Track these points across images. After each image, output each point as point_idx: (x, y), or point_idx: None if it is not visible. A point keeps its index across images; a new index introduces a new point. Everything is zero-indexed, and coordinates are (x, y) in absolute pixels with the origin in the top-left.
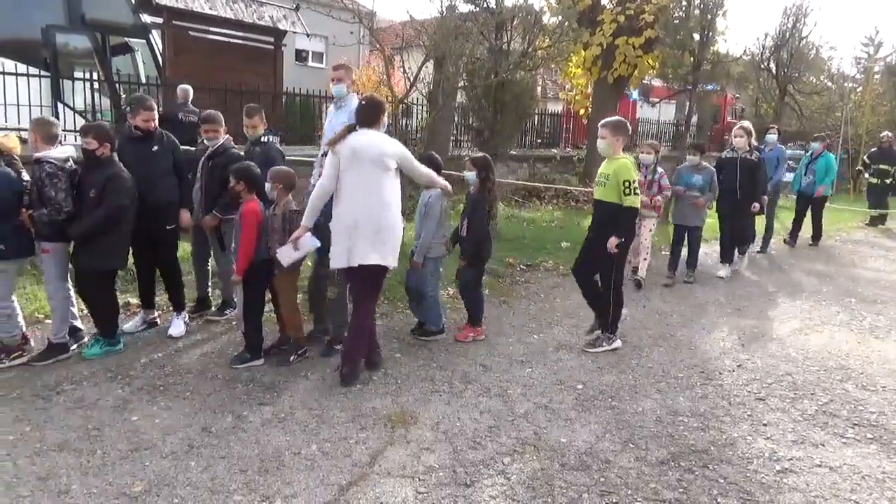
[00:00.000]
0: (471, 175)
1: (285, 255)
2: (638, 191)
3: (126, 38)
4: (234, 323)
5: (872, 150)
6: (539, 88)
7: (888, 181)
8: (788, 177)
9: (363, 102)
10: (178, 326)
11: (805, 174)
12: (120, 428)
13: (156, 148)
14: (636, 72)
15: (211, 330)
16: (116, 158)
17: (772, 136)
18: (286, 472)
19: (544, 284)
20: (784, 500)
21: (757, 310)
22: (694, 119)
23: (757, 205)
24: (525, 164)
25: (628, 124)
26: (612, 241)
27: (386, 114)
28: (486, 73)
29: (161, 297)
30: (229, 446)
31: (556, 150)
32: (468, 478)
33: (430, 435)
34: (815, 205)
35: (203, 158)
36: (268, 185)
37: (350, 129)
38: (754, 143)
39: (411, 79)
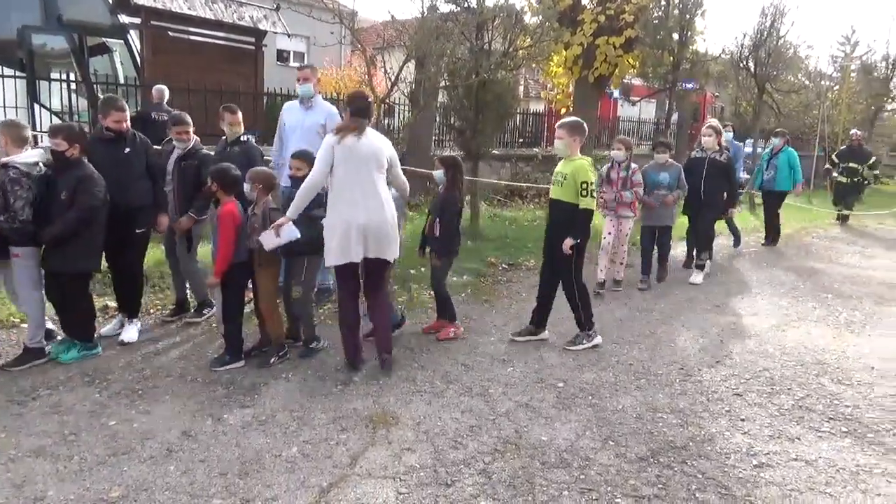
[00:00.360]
0: (439, 174)
1: (268, 239)
2: (595, 193)
3: (104, 39)
4: (213, 325)
5: (842, 148)
6: (521, 88)
7: (856, 179)
8: (748, 175)
9: (358, 95)
10: (130, 333)
11: (766, 170)
12: (97, 433)
13: (128, 150)
14: (617, 71)
15: (190, 333)
16: (86, 160)
17: (727, 135)
18: (266, 474)
19: (526, 283)
20: (761, 494)
21: (735, 306)
22: (674, 118)
23: (734, 211)
24: (507, 163)
25: (585, 125)
26: (567, 242)
27: (373, 109)
28: (468, 72)
29: (146, 299)
30: (209, 450)
31: (537, 150)
32: (449, 477)
33: (411, 435)
34: (773, 201)
35: (174, 160)
36: (247, 186)
37: (360, 123)
38: (729, 141)
39: (393, 79)
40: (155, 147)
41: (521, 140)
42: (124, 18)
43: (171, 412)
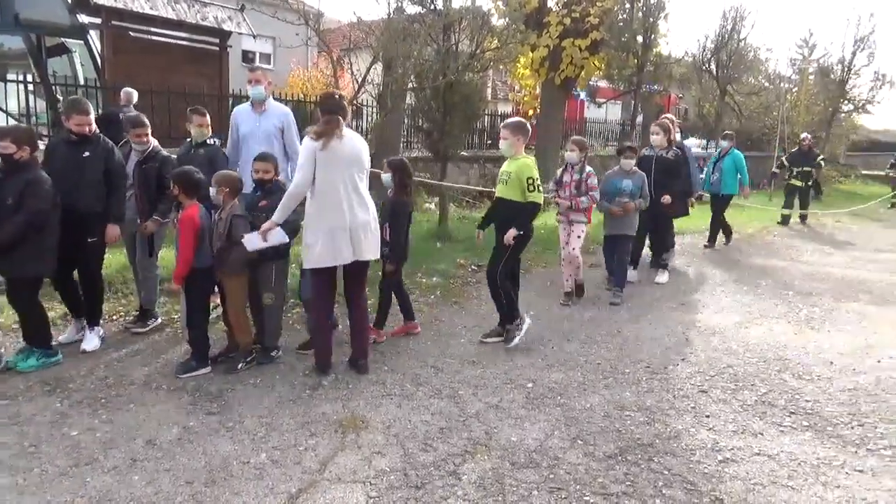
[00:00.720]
0: (386, 177)
1: (252, 242)
2: (541, 188)
3: (63, 39)
4: (179, 332)
5: (793, 150)
6: (488, 90)
7: (809, 183)
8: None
9: (328, 95)
10: (91, 341)
11: (713, 172)
12: (58, 444)
13: (87, 154)
14: (583, 73)
15: (154, 339)
16: (42, 161)
17: (675, 136)
18: (234, 482)
19: None
20: (725, 489)
21: (700, 304)
22: (639, 119)
23: (667, 197)
24: (475, 164)
25: (528, 125)
26: (511, 233)
27: (347, 110)
28: (435, 74)
29: (108, 306)
30: (174, 458)
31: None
32: (419, 480)
33: (381, 439)
34: (718, 204)
35: (135, 163)
36: (213, 190)
37: (337, 124)
38: (681, 140)
39: (360, 80)
40: None
41: (489, 142)
42: (84, 18)
43: (136, 421)
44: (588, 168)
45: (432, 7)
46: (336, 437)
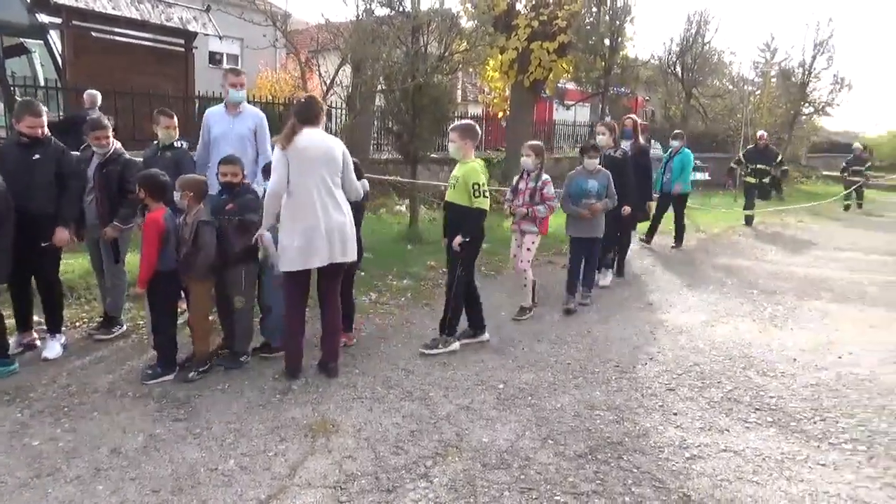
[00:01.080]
0: None
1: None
2: (487, 193)
3: (21, 39)
4: (145, 339)
5: (749, 147)
6: (458, 92)
7: (765, 181)
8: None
9: (303, 100)
10: (53, 349)
11: (664, 172)
12: (19, 454)
13: (37, 156)
14: (551, 75)
15: (119, 346)
16: None
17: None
18: (202, 489)
19: None
20: (693, 486)
21: (668, 304)
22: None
23: (627, 208)
24: (446, 166)
25: (477, 128)
26: (457, 240)
27: (324, 113)
28: (404, 76)
29: (71, 312)
30: (140, 467)
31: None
32: (391, 483)
33: (351, 442)
34: (675, 204)
35: (95, 167)
36: (177, 194)
37: (295, 128)
38: (645, 142)
39: (328, 82)
40: (74, 153)
41: None
42: (44, 18)
43: (100, 429)
44: (545, 176)
45: (401, 9)
46: (306, 441)
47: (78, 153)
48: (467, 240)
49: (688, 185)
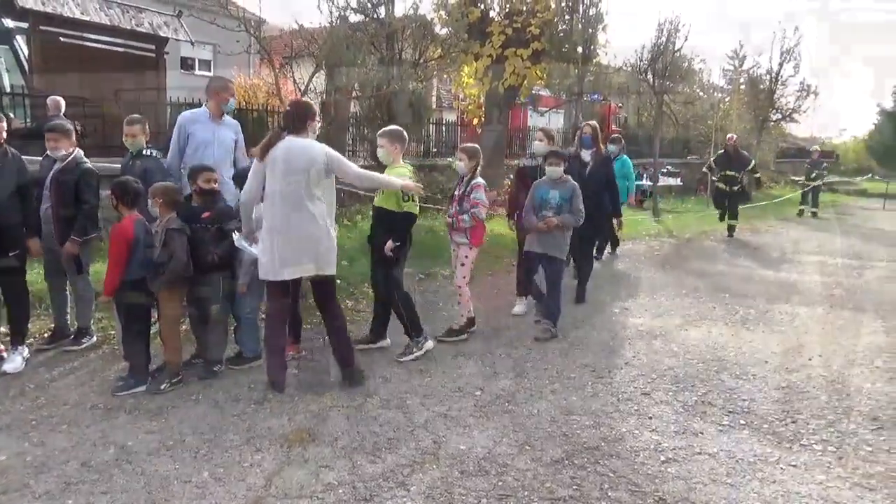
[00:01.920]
0: None
1: (241, 243)
2: (416, 198)
3: None
4: (116, 350)
5: (719, 152)
6: (433, 98)
7: (736, 188)
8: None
9: (290, 108)
10: (14, 361)
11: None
12: None
13: None
14: (525, 82)
15: (88, 358)
16: None
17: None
18: (175, 502)
19: (442, 293)
20: (668, 489)
21: (643, 308)
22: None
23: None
24: (421, 173)
25: (405, 133)
26: (388, 245)
27: (316, 117)
28: (378, 83)
29: (40, 324)
30: (111, 480)
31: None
32: (368, 492)
33: (328, 452)
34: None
35: (50, 176)
36: (150, 202)
37: (278, 136)
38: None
39: (302, 89)
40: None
41: (435, 150)
42: (9, 22)
43: (69, 442)
44: (476, 180)
45: (375, 16)
46: (282, 451)
47: (41, 159)
48: (398, 244)
49: (624, 194)
